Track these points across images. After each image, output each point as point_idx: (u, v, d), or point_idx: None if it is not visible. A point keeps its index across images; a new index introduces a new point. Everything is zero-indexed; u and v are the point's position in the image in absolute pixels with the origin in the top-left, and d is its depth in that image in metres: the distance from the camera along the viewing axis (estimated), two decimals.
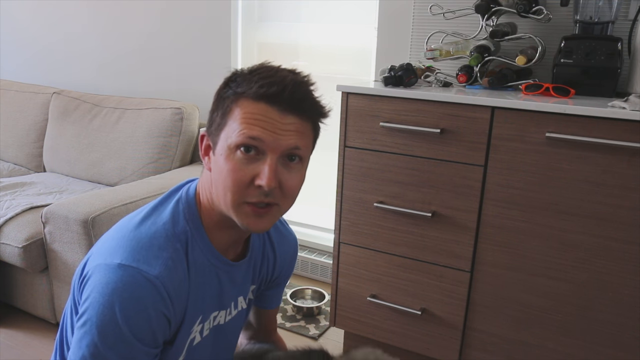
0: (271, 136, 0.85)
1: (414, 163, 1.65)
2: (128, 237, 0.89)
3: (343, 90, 1.71)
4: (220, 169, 0.88)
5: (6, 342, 2.03)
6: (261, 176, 0.85)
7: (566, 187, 1.46)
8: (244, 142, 0.85)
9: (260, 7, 2.57)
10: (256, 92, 0.85)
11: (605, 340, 1.50)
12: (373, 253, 1.78)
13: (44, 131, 2.73)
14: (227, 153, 0.87)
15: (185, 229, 0.92)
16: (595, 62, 1.60)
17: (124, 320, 0.82)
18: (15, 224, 2.03)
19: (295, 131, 0.87)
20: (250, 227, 0.90)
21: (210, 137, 0.92)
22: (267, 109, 0.85)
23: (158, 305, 0.85)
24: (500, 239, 1.57)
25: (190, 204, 0.95)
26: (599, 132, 1.39)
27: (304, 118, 0.89)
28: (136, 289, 0.83)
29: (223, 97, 0.90)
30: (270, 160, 0.86)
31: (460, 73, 1.77)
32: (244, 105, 0.86)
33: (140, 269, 0.84)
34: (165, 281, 0.86)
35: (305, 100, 0.88)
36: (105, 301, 0.82)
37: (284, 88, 0.85)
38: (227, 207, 0.89)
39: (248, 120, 0.85)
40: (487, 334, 1.66)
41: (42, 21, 3.09)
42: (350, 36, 2.38)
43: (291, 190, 0.90)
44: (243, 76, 0.88)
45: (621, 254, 1.44)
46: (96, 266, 0.86)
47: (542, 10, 1.65)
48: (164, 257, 0.87)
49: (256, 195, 0.87)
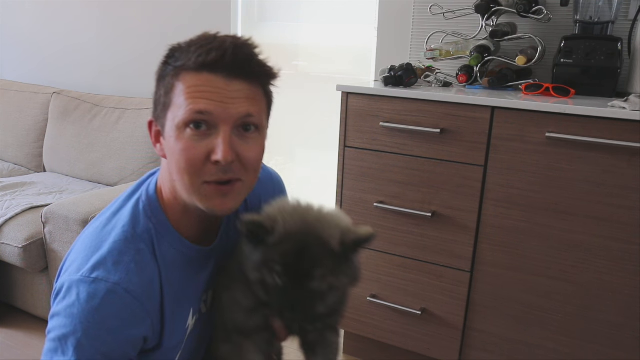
0: (220, 107, 0.80)
1: (414, 163, 1.64)
2: (92, 246, 0.86)
3: (343, 90, 1.71)
4: (172, 152, 0.83)
5: (6, 342, 2.03)
6: (216, 151, 0.80)
7: (566, 187, 1.46)
8: (192, 117, 0.80)
9: (260, 7, 2.57)
10: (196, 62, 0.79)
11: (605, 340, 1.50)
12: (373, 253, 1.77)
13: (44, 131, 2.73)
14: (176, 133, 0.81)
15: (147, 227, 0.88)
16: (595, 62, 1.59)
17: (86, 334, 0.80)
18: (15, 224, 2.03)
19: (245, 98, 0.82)
20: (216, 209, 0.84)
21: (157, 122, 0.87)
22: (210, 78, 0.80)
23: (121, 314, 0.82)
24: (500, 239, 1.57)
25: (152, 200, 0.90)
26: (599, 132, 1.39)
27: (252, 82, 0.83)
28: (96, 300, 0.81)
29: (163, 76, 0.85)
30: (223, 133, 0.80)
31: (460, 73, 1.77)
32: (186, 79, 0.81)
33: (100, 277, 0.82)
34: (129, 286, 0.83)
35: (249, 62, 0.82)
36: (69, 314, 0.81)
37: (224, 52, 0.79)
38: (187, 191, 0.84)
39: (192, 94, 0.80)
40: (487, 334, 1.65)
41: (43, 21, 3.09)
42: (350, 36, 2.38)
43: (252, 162, 0.85)
44: (181, 49, 0.83)
45: (621, 253, 1.43)
46: (66, 280, 0.85)
47: (542, 10, 1.65)
48: (124, 261, 0.84)
49: (214, 173, 0.81)
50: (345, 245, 0.84)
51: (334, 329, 0.97)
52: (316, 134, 2.54)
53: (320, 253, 0.83)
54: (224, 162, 0.80)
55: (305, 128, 2.57)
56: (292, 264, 0.82)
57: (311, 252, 0.82)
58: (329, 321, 0.93)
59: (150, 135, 0.91)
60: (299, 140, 2.60)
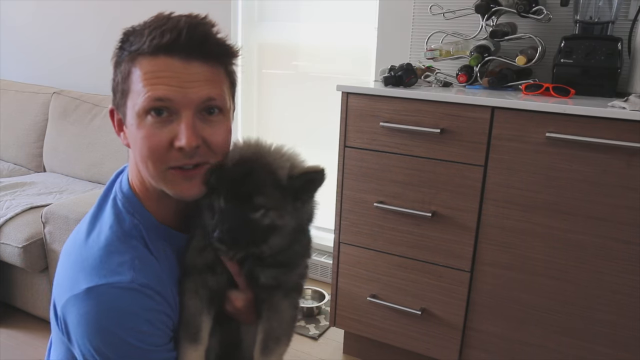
0: (179, 92, 0.76)
1: (414, 163, 1.64)
2: (82, 258, 0.82)
3: (343, 90, 1.71)
4: (135, 140, 0.80)
5: (6, 342, 2.02)
6: (179, 137, 0.77)
7: (566, 187, 1.46)
8: (151, 105, 0.77)
9: (260, 7, 2.57)
10: (150, 45, 0.76)
11: (605, 340, 1.50)
12: (373, 253, 1.77)
13: (44, 131, 2.73)
14: (137, 121, 0.78)
15: (133, 223, 0.86)
16: (595, 62, 1.59)
17: (129, 335, 0.77)
18: (15, 224, 2.03)
19: (204, 80, 0.78)
20: (183, 194, 0.82)
21: (119, 110, 0.84)
22: (167, 62, 0.76)
23: (149, 305, 0.80)
24: (500, 238, 1.57)
25: (128, 196, 0.88)
26: (599, 132, 1.39)
27: (211, 62, 0.79)
28: (119, 302, 0.78)
29: (119, 62, 0.82)
30: (185, 118, 0.77)
31: (460, 73, 1.77)
32: (143, 64, 0.77)
33: (111, 282, 0.78)
34: (143, 281, 0.80)
35: (206, 42, 0.79)
36: (97, 330, 0.77)
37: (179, 33, 0.76)
38: (152, 178, 0.82)
39: (150, 80, 0.76)
40: (487, 333, 1.65)
41: (42, 21, 3.09)
42: (350, 36, 2.38)
43: (219, 145, 0.82)
44: (135, 33, 0.80)
45: (621, 253, 1.43)
46: (65, 303, 0.80)
47: (542, 10, 1.65)
48: (127, 260, 0.81)
49: (179, 159, 0.79)
50: (292, 178, 0.82)
51: (290, 297, 0.92)
52: (316, 133, 2.54)
53: (264, 180, 0.82)
54: (187, 148, 0.78)
55: (305, 128, 2.57)
56: (236, 187, 0.80)
57: (256, 177, 0.81)
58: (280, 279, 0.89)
59: (112, 124, 0.88)
60: (298, 140, 2.60)
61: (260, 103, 2.67)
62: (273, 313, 0.90)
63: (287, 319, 0.92)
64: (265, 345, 0.89)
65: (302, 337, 2.11)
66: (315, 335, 2.11)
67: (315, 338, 2.10)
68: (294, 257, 0.90)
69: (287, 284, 0.91)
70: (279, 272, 0.89)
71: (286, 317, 0.91)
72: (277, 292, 0.90)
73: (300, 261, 0.93)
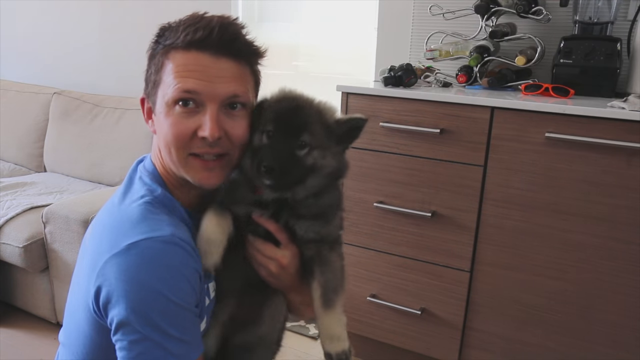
0: (207, 86, 0.83)
1: (413, 163, 1.65)
2: (117, 223, 0.84)
3: (343, 90, 1.71)
4: (162, 127, 0.86)
5: (7, 341, 2.03)
6: (204, 127, 0.83)
7: (566, 187, 1.46)
8: (180, 96, 0.83)
9: (260, 7, 2.57)
10: (184, 40, 0.83)
11: (606, 340, 1.50)
12: (373, 253, 1.78)
13: (45, 131, 2.73)
14: (166, 110, 0.85)
15: (164, 193, 0.89)
16: (594, 63, 1.60)
17: (169, 290, 0.78)
18: (15, 224, 2.04)
19: (231, 77, 0.85)
20: (202, 182, 0.87)
21: (149, 99, 0.90)
22: (198, 57, 0.83)
23: (187, 261, 0.82)
24: (500, 238, 1.57)
25: (154, 173, 0.92)
26: (598, 132, 1.39)
27: (238, 60, 0.86)
28: (160, 256, 0.79)
29: (154, 54, 0.88)
30: (210, 110, 0.83)
31: (459, 73, 1.78)
32: (175, 58, 0.84)
33: (152, 236, 0.80)
34: (182, 236, 0.83)
35: (236, 41, 0.85)
36: (138, 284, 0.77)
37: (211, 30, 0.82)
38: (175, 164, 0.87)
39: (181, 73, 0.83)
40: (486, 333, 1.66)
41: (43, 21, 3.09)
42: (350, 36, 2.38)
43: (239, 138, 0.88)
44: (170, 29, 0.86)
45: (621, 253, 1.44)
46: (105, 264, 0.80)
47: (541, 11, 1.65)
48: (164, 219, 0.84)
49: (201, 146, 0.85)
50: (340, 122, 0.87)
51: (335, 249, 0.94)
52: None
53: (313, 118, 0.85)
54: (210, 138, 0.83)
55: None
56: (284, 120, 0.85)
57: (304, 112, 0.85)
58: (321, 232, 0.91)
59: (142, 112, 0.93)
60: None
61: None
62: (325, 266, 0.92)
63: (339, 269, 0.94)
64: (327, 297, 0.91)
65: (301, 336, 2.11)
66: (315, 335, 2.11)
67: (315, 338, 2.10)
68: (327, 209, 0.92)
69: (329, 237, 0.93)
70: (317, 224, 0.91)
71: (337, 267, 0.93)
72: (323, 246, 0.92)
73: (335, 213, 0.95)
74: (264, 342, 1.01)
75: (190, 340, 0.82)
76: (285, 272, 0.94)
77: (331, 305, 0.91)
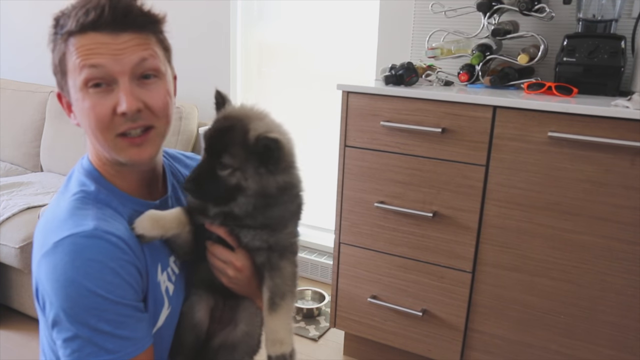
0: (112, 59, 0.81)
1: (414, 163, 1.63)
2: (48, 222, 0.85)
3: (343, 89, 1.69)
4: (82, 114, 0.85)
5: (3, 343, 2.01)
6: (120, 102, 0.82)
7: (569, 186, 1.45)
8: (88, 75, 0.81)
9: (259, 7, 2.55)
10: (77, 24, 0.81)
11: (608, 341, 1.49)
12: (373, 254, 1.76)
13: (41, 130, 2.72)
14: (80, 95, 0.83)
15: (97, 189, 0.89)
16: (598, 61, 1.58)
17: (95, 285, 0.78)
18: (12, 224, 2.02)
19: (134, 45, 0.83)
20: (134, 159, 0.87)
21: (63, 92, 0.89)
22: (96, 37, 0.81)
23: (114, 254, 0.81)
24: (502, 239, 1.56)
25: (89, 169, 0.92)
26: (601, 131, 1.38)
27: (138, 32, 0.84)
28: (84, 251, 0.79)
29: (54, 45, 0.87)
30: (123, 84, 0.82)
31: (461, 72, 1.76)
32: (74, 43, 0.83)
33: (75, 232, 0.80)
34: (107, 229, 0.82)
35: (130, 14, 0.83)
36: (64, 281, 0.78)
37: (102, 9, 0.81)
38: (104, 148, 0.86)
39: (83, 53, 0.82)
40: (488, 335, 1.64)
41: (40, 20, 3.07)
42: (351, 35, 2.37)
43: (161, 108, 0.87)
44: (64, 16, 0.85)
45: (624, 254, 1.42)
46: (38, 264, 0.82)
47: (544, 9, 1.63)
48: (90, 214, 0.84)
49: (123, 123, 0.84)
50: (255, 142, 0.85)
51: (286, 257, 0.95)
52: (316, 133, 2.52)
53: (236, 139, 0.86)
54: (129, 111, 0.82)
55: (305, 127, 2.55)
56: (209, 142, 0.88)
57: (228, 134, 0.87)
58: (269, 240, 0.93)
59: (62, 108, 0.92)
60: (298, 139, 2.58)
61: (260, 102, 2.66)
62: (274, 271, 0.94)
63: (289, 275, 0.95)
64: (273, 302, 0.93)
65: (302, 338, 2.09)
66: (315, 337, 2.09)
67: (315, 339, 2.08)
68: (276, 219, 0.93)
69: (278, 245, 0.94)
70: (264, 233, 0.93)
71: (287, 273, 0.95)
72: (272, 254, 0.94)
73: (287, 223, 0.96)
74: (245, 343, 1.02)
75: (127, 336, 0.81)
76: (242, 275, 0.96)
77: (277, 310, 0.93)
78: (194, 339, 1.00)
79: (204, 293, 1.01)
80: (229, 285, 0.98)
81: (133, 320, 0.83)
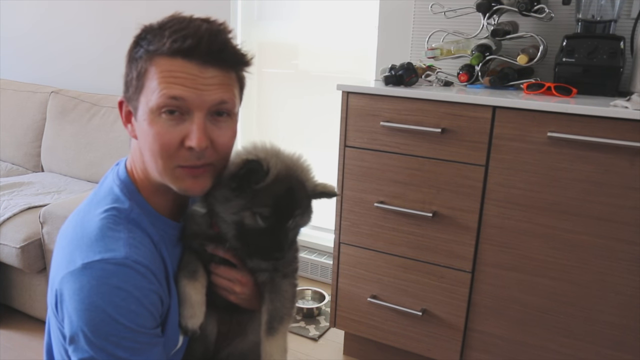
0: (194, 93, 0.80)
1: (414, 163, 1.63)
2: (78, 237, 0.84)
3: (343, 89, 1.70)
4: (145, 135, 0.83)
5: (4, 343, 2.01)
6: (191, 137, 0.80)
7: (568, 187, 1.45)
8: (166, 103, 0.79)
9: (259, 7, 2.55)
10: (170, 47, 0.79)
11: (608, 341, 1.49)
12: (373, 253, 1.76)
13: (42, 131, 2.72)
14: (150, 117, 0.81)
15: (130, 206, 0.87)
16: (597, 61, 1.58)
17: (118, 313, 0.78)
18: (13, 224, 2.02)
19: (218, 84, 0.82)
20: (188, 190, 0.86)
21: (129, 103, 0.87)
22: (184, 65, 0.79)
23: (141, 283, 0.81)
24: (502, 239, 1.56)
25: (126, 182, 0.90)
26: (601, 131, 1.38)
27: (226, 69, 0.83)
28: (112, 279, 0.78)
29: (135, 58, 0.83)
30: (197, 119, 0.81)
31: (461, 72, 1.76)
32: (160, 64, 0.80)
33: (105, 258, 0.79)
34: (137, 258, 0.81)
35: (224, 50, 0.82)
36: (88, 305, 0.78)
37: (199, 40, 0.79)
38: (159, 174, 0.85)
39: (166, 80, 0.79)
40: (488, 335, 1.64)
41: (41, 20, 3.08)
42: (351, 35, 2.37)
43: (224, 147, 0.86)
44: (154, 32, 0.82)
45: (623, 254, 1.42)
46: (62, 279, 0.81)
47: (543, 9, 1.63)
48: (122, 238, 0.82)
49: (188, 158, 0.82)
50: (315, 191, 0.92)
51: (288, 277, 0.98)
52: (316, 133, 2.52)
53: (302, 194, 0.89)
54: (198, 148, 0.81)
55: (305, 127, 2.56)
56: (280, 206, 0.87)
57: (297, 194, 0.88)
58: (276, 264, 0.95)
59: (120, 114, 0.91)
60: (298, 139, 2.59)
61: (260, 102, 2.66)
62: (275, 294, 0.95)
63: (289, 298, 0.97)
64: (271, 325, 0.94)
65: (302, 338, 2.09)
66: (315, 337, 2.10)
67: (315, 339, 2.09)
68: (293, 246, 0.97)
69: (282, 267, 0.97)
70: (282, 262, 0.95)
71: (287, 296, 0.97)
72: (276, 274, 0.96)
73: (292, 245, 0.98)
74: (254, 352, 1.02)
75: None
76: (248, 289, 0.96)
77: (274, 334, 0.94)
78: (202, 351, 1.01)
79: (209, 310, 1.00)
80: (236, 302, 0.97)
81: (149, 347, 0.83)
